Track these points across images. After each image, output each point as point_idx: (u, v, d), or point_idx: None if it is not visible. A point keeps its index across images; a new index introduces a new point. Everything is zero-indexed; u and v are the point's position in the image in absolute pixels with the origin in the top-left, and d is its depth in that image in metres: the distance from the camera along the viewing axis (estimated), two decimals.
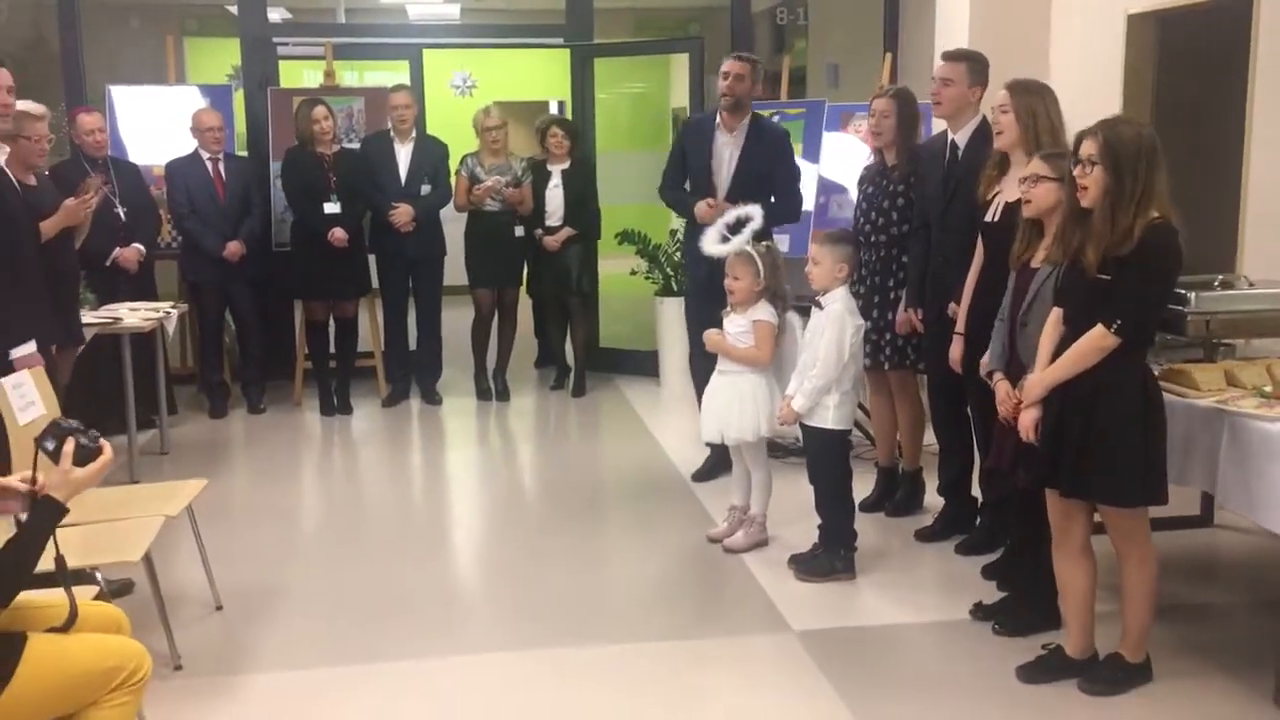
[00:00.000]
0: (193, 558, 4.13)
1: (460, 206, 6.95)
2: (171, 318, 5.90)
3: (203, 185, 6.65)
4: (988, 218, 3.99)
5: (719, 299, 4.57)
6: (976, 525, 4.56)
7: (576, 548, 4.70)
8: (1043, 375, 3.31)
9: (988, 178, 4.05)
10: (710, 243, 4.50)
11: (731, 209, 4.71)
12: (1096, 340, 3.16)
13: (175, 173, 6.68)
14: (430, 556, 4.65)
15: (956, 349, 4.17)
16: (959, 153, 4.31)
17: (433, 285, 7.00)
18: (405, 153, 6.82)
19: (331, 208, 6.60)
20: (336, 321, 6.90)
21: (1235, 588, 4.32)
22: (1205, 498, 4.64)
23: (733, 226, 4.48)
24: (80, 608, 2.57)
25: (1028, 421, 3.35)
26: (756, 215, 4.48)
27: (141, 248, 6.26)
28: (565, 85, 8.00)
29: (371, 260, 7.01)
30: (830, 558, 4.27)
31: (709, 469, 5.46)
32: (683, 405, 6.73)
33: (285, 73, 7.93)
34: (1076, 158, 3.19)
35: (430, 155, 6.87)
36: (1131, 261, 3.10)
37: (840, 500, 4.29)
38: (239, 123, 7.61)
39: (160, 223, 6.83)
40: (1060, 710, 3.32)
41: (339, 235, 6.56)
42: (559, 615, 4.02)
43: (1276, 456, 3.14)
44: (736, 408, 4.42)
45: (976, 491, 4.58)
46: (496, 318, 7.15)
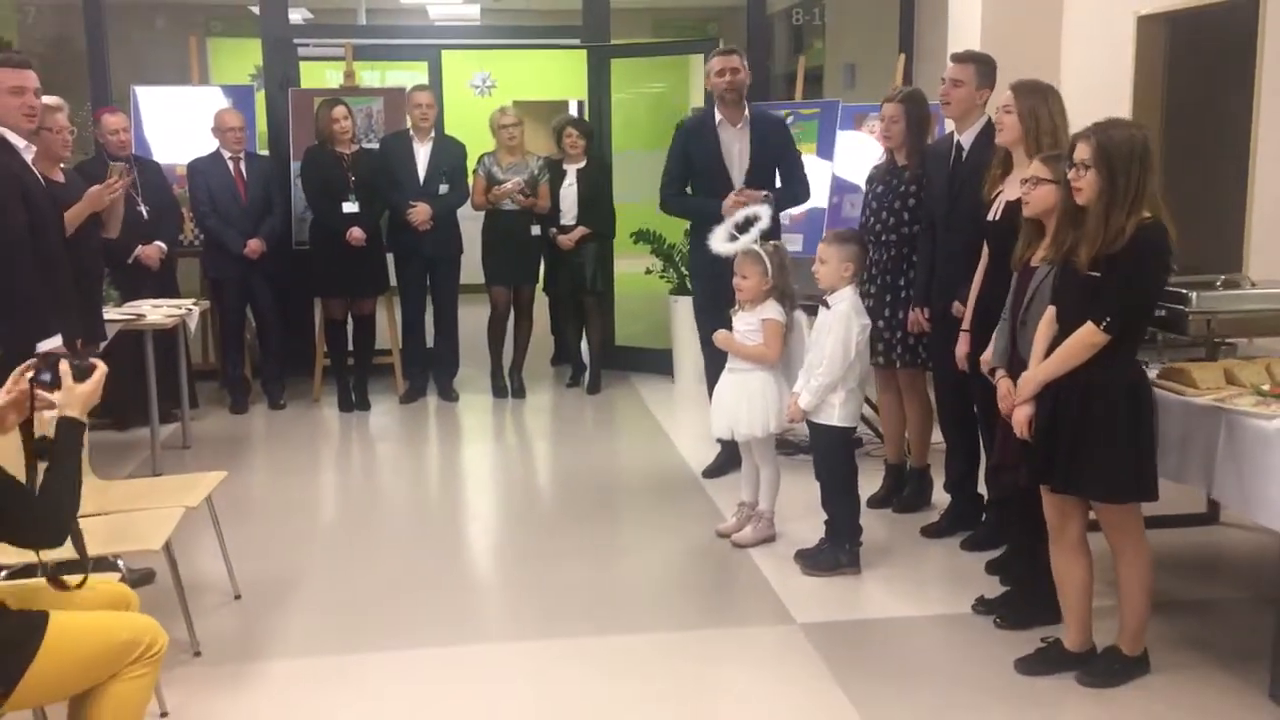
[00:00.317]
0: (213, 548, 4.23)
1: (478, 206, 7.05)
2: (193, 314, 6.02)
3: (224, 184, 6.77)
4: (990, 216, 4.05)
5: (726, 299, 4.64)
6: (982, 521, 4.62)
7: (589, 541, 4.79)
8: (1035, 372, 3.38)
9: (992, 177, 4.11)
10: (719, 241, 4.58)
11: (756, 194, 4.81)
12: (1086, 337, 3.23)
13: (197, 172, 6.80)
14: (445, 548, 4.74)
15: (962, 347, 4.23)
16: (964, 153, 4.37)
17: (450, 283, 7.10)
18: (424, 152, 6.92)
19: (350, 207, 6.71)
20: (354, 319, 7.01)
21: (1236, 584, 4.36)
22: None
23: (741, 225, 4.55)
24: (90, 587, 2.69)
25: (1021, 418, 3.43)
26: (764, 214, 4.55)
27: (163, 245, 6.40)
28: (584, 85, 8.08)
29: (390, 259, 7.12)
30: (836, 552, 4.33)
31: (720, 465, 5.53)
32: (696, 403, 6.80)
33: (307, 73, 8.04)
34: (1071, 160, 3.25)
35: (448, 155, 6.97)
36: (1122, 260, 3.16)
37: (846, 496, 4.35)
38: (260, 123, 7.73)
39: (182, 221, 6.96)
40: (1058, 702, 3.38)
41: (356, 235, 6.66)
42: (571, 606, 4.11)
43: (1272, 454, 3.18)
44: (745, 404, 4.49)
45: (982, 488, 4.64)
46: (513, 316, 7.24)
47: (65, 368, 2.56)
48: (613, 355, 7.84)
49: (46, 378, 2.55)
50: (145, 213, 6.35)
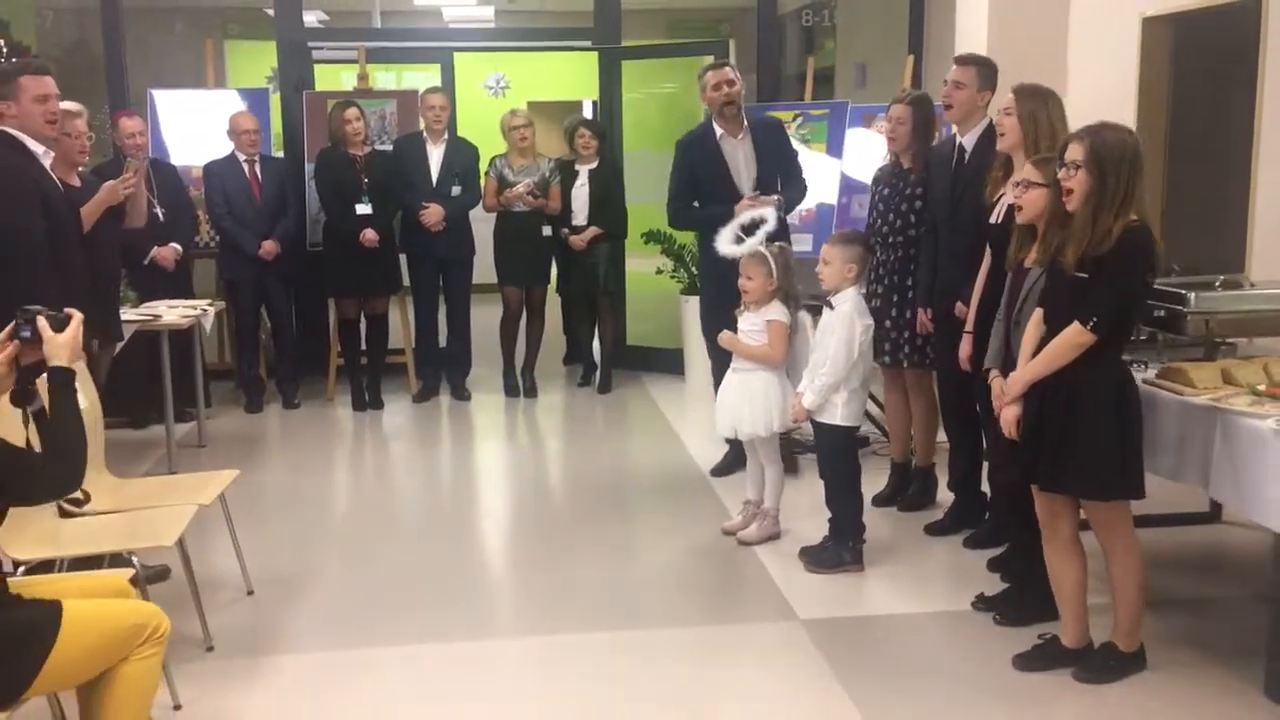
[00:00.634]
0: (226, 545, 4.31)
1: (489, 207, 7.12)
2: (208, 315, 6.11)
3: (239, 186, 6.86)
4: (992, 219, 4.10)
5: (733, 300, 4.69)
6: (985, 520, 4.66)
7: (597, 539, 4.85)
8: (1022, 372, 3.43)
9: (994, 180, 4.15)
10: (724, 244, 4.63)
11: (769, 199, 4.97)
12: (1072, 337, 3.28)
13: (213, 174, 6.89)
14: (455, 545, 4.81)
15: (965, 348, 4.28)
16: (966, 156, 4.42)
17: (462, 284, 7.18)
18: (437, 154, 7.00)
19: (363, 208, 6.79)
20: (367, 319, 7.09)
21: (1236, 582, 4.39)
22: None
23: (746, 228, 4.60)
24: (88, 580, 2.90)
25: (1009, 417, 3.48)
26: (770, 217, 4.61)
27: (178, 247, 6.50)
28: (597, 86, 8.13)
29: (403, 259, 7.20)
30: (839, 550, 4.39)
31: (727, 464, 5.58)
32: (706, 402, 6.80)
33: (323, 76, 8.13)
34: (1062, 161, 3.30)
35: (461, 156, 7.04)
36: (1108, 261, 3.21)
37: (849, 494, 4.41)
38: (275, 125, 7.82)
39: (198, 223, 7.06)
40: (1054, 698, 3.42)
41: (370, 236, 6.74)
42: (577, 602, 4.18)
43: (1266, 452, 3.22)
44: (749, 404, 4.55)
45: (986, 487, 4.68)
46: (525, 315, 7.31)
47: (43, 322, 2.65)
48: (624, 355, 7.90)
49: (27, 334, 2.64)
50: (161, 214, 6.44)
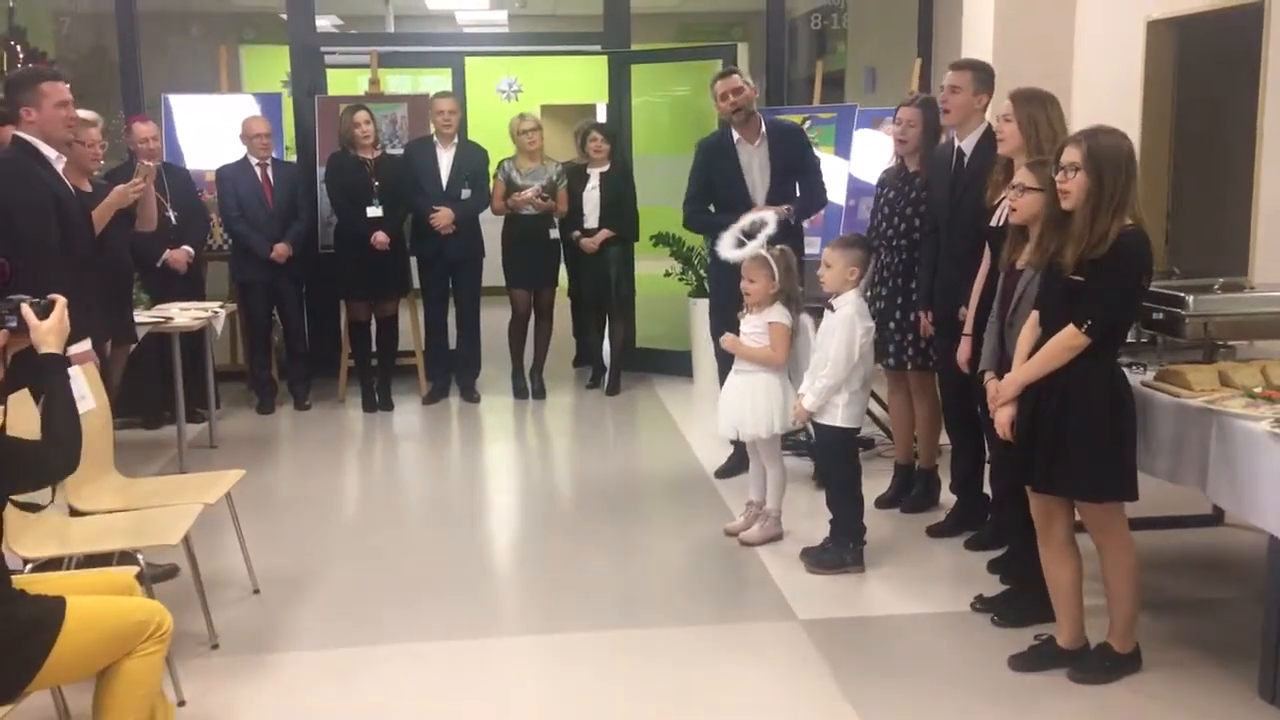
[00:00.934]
0: (234, 545, 4.36)
1: (497, 210, 7.17)
2: (219, 317, 6.17)
3: (252, 190, 6.93)
4: (993, 222, 4.12)
5: (741, 304, 4.72)
6: (987, 521, 4.68)
7: (600, 539, 4.89)
8: (1016, 374, 3.46)
9: (994, 183, 4.16)
10: (726, 247, 4.67)
11: (780, 210, 5.04)
12: (1067, 340, 3.31)
13: (225, 178, 6.97)
14: (460, 545, 4.86)
15: (964, 349, 4.30)
16: (965, 159, 4.44)
17: (472, 286, 7.23)
18: (447, 158, 7.05)
19: (374, 211, 6.84)
20: (378, 321, 7.14)
21: (1236, 584, 4.39)
22: None
23: (748, 231, 4.64)
24: (93, 577, 2.96)
25: (1003, 419, 3.51)
26: (771, 220, 4.64)
27: (190, 249, 6.57)
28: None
29: (413, 261, 7.26)
30: (840, 551, 4.41)
31: (732, 466, 5.62)
32: (713, 404, 6.71)
33: (337, 81, 8.20)
34: (1059, 165, 3.32)
35: (471, 160, 7.09)
36: (1104, 264, 3.24)
37: (849, 495, 4.43)
38: (288, 129, 7.90)
39: (210, 226, 7.13)
40: (1049, 698, 3.44)
41: (380, 239, 6.80)
42: (580, 602, 4.21)
43: (1260, 454, 3.24)
44: (750, 405, 4.58)
45: (988, 488, 4.69)
46: (533, 318, 7.35)
47: (27, 309, 2.72)
48: (633, 357, 7.94)
49: (14, 323, 2.72)
50: (173, 218, 6.51)
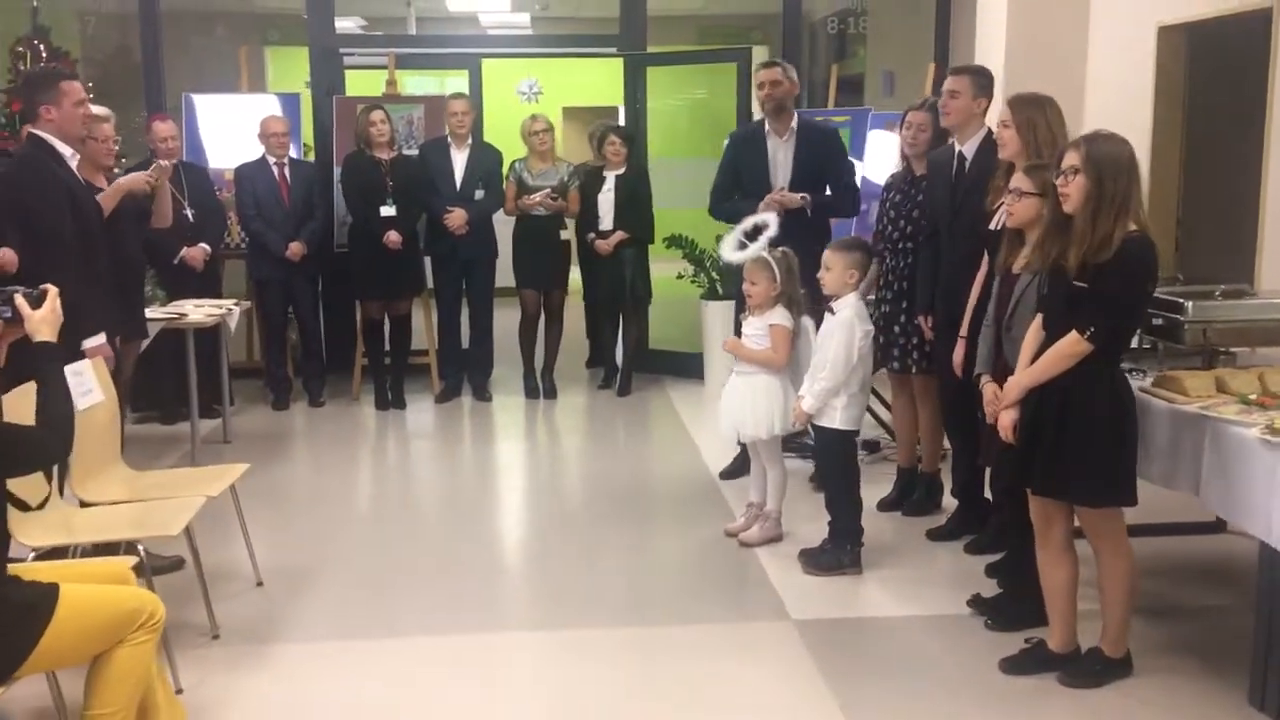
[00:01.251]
0: (240, 538, 4.41)
1: (509, 211, 7.23)
2: (233, 314, 6.25)
3: (269, 189, 7.01)
4: (991, 226, 4.13)
5: None
6: (987, 525, 4.68)
7: (603, 538, 4.93)
8: (1019, 378, 3.46)
9: (995, 188, 4.17)
10: (728, 249, 4.70)
11: (793, 197, 5.09)
12: (1069, 346, 3.31)
13: (244, 176, 7.06)
14: (464, 542, 4.90)
15: (958, 352, 4.31)
16: (966, 163, 4.45)
17: (485, 286, 7.29)
18: (461, 158, 7.12)
19: (387, 210, 6.91)
20: (391, 320, 7.21)
21: (1234, 591, 4.37)
22: None
23: (749, 233, 4.66)
24: (89, 566, 3.04)
25: (1006, 422, 3.51)
26: (773, 222, 4.66)
27: (207, 247, 6.66)
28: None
29: (427, 261, 7.33)
30: (837, 553, 4.43)
31: (736, 468, 5.63)
32: None
33: (357, 82, 8.29)
34: (1059, 169, 3.33)
35: (485, 161, 7.15)
36: (1108, 271, 3.23)
37: (847, 497, 4.45)
38: (306, 129, 7.99)
39: (226, 224, 7.22)
40: (1038, 701, 3.45)
41: (393, 239, 6.86)
42: (578, 599, 4.25)
43: (1251, 460, 3.24)
44: (751, 407, 4.60)
45: (989, 492, 4.69)
46: (544, 318, 7.40)
47: (20, 300, 2.79)
48: (646, 358, 7.97)
49: (8, 314, 2.80)
50: (191, 215, 6.61)
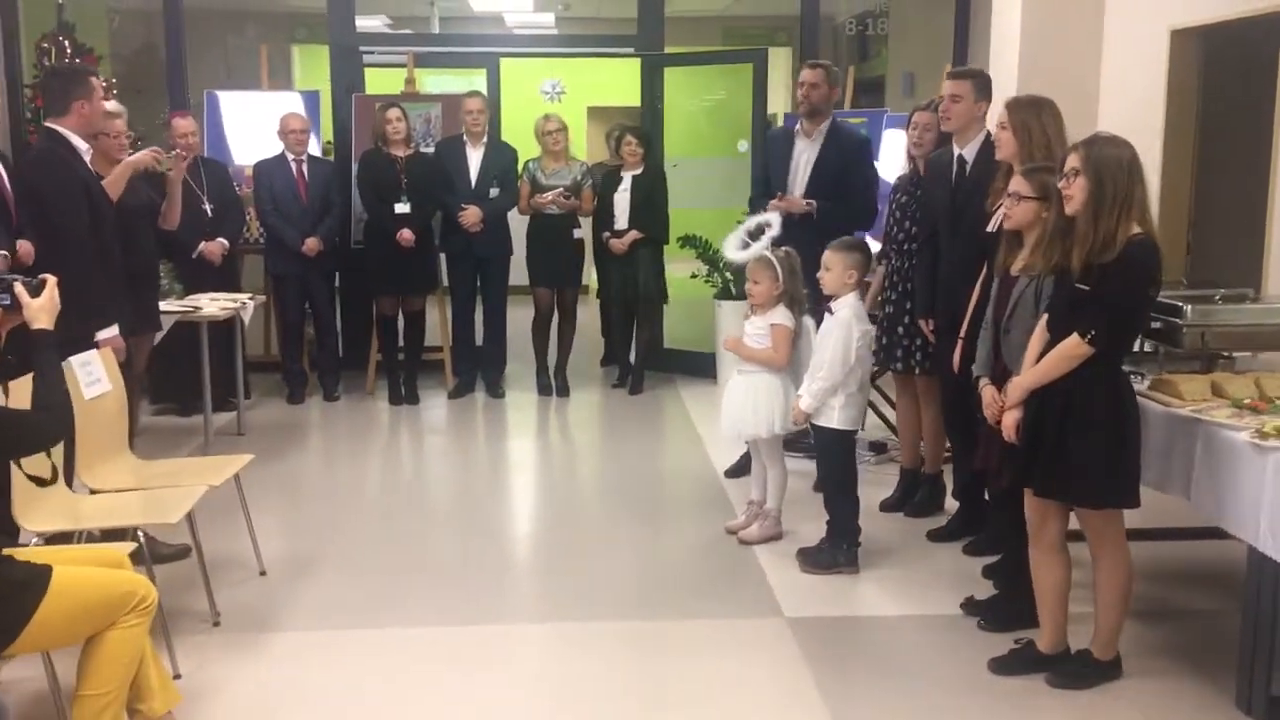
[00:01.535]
0: (245, 528, 4.48)
1: (522, 210, 7.29)
2: (248, 308, 6.33)
3: (286, 185, 7.10)
4: (989, 228, 4.13)
5: None
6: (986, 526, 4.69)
7: (605, 534, 4.98)
8: (1022, 379, 3.47)
9: (995, 190, 4.18)
10: (731, 249, 4.73)
11: (798, 201, 5.14)
12: (1071, 348, 3.31)
13: (262, 172, 7.15)
14: (468, 535, 4.96)
15: (957, 354, 4.32)
16: (966, 166, 4.46)
17: (499, 283, 7.34)
18: (476, 157, 7.17)
19: (401, 208, 6.98)
20: (405, 316, 7.28)
21: (1231, 596, 4.35)
22: None
23: (752, 233, 4.69)
24: (85, 551, 3.11)
25: (1009, 423, 3.52)
26: (775, 222, 4.69)
27: (225, 242, 6.75)
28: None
29: (442, 258, 7.39)
30: (835, 552, 4.45)
31: (741, 466, 5.65)
32: None
33: (377, 80, 8.38)
34: (1062, 172, 3.34)
35: (500, 159, 7.21)
36: (1110, 272, 3.24)
37: (845, 496, 4.47)
38: (326, 126, 8.08)
39: (245, 220, 7.32)
40: (1025, 701, 3.46)
41: (406, 236, 6.93)
42: (574, 594, 4.30)
43: (1241, 464, 3.24)
44: (752, 406, 4.63)
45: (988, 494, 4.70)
46: (557, 316, 7.45)
47: (20, 288, 2.87)
48: (660, 358, 8.01)
49: (7, 301, 2.87)
50: (210, 211, 6.71)
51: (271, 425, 6.78)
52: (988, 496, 4.61)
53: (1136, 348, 3.99)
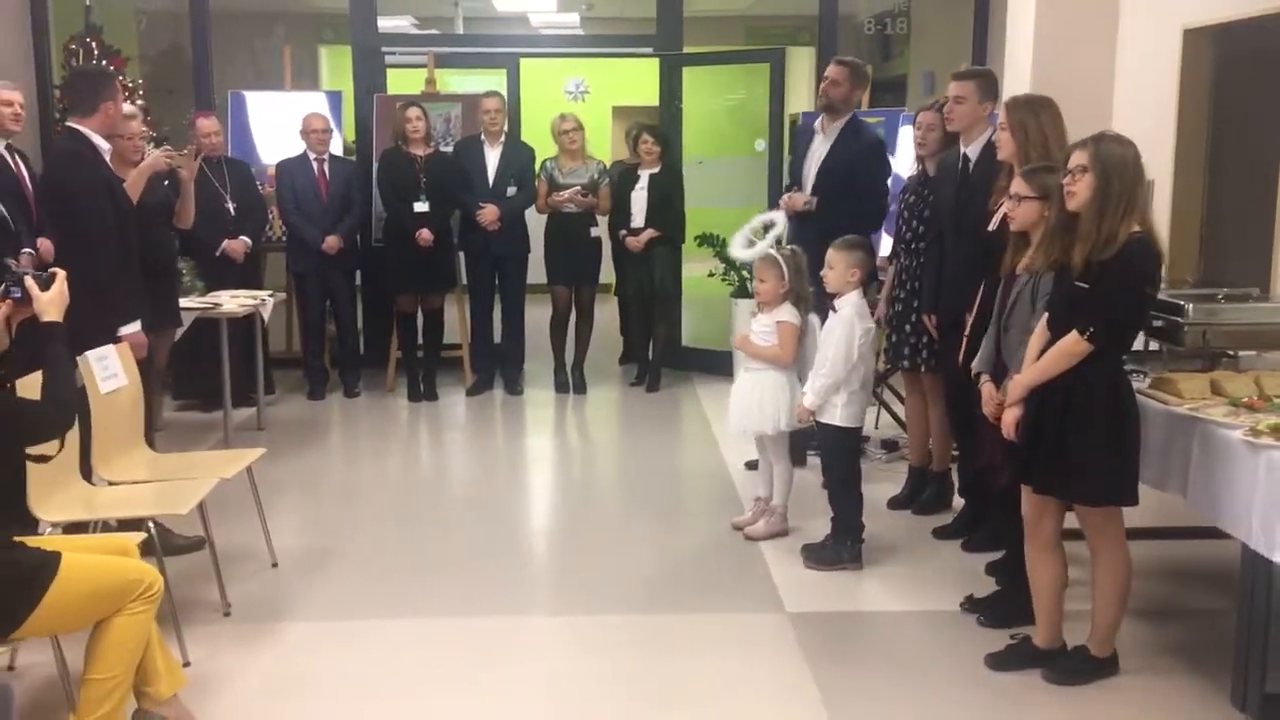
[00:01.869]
0: (259, 520, 4.57)
1: (540, 209, 7.36)
2: (267, 305, 6.43)
3: (308, 183, 7.20)
4: (990, 227, 4.16)
5: None
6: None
7: (614, 529, 5.05)
8: (1022, 377, 3.50)
9: (999, 189, 4.20)
10: (737, 247, 4.77)
11: (800, 198, 5.24)
12: (1070, 346, 3.34)
13: (284, 172, 7.25)
14: (483, 530, 5.02)
15: (960, 352, 4.34)
16: (970, 165, 4.49)
17: (517, 281, 7.42)
18: (494, 156, 7.25)
19: (420, 206, 7.06)
20: (424, 314, 7.36)
21: (1230, 595, 4.35)
22: None
23: (759, 231, 4.73)
24: (93, 540, 3.21)
25: (1009, 420, 3.54)
26: (780, 220, 4.73)
27: (248, 240, 6.86)
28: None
29: (461, 257, 7.47)
30: (838, 548, 4.48)
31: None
32: None
33: (399, 80, 8.47)
34: (1067, 169, 3.36)
35: (518, 158, 7.28)
36: (1109, 271, 3.26)
37: (848, 493, 4.50)
38: (348, 126, 8.19)
39: (267, 218, 7.43)
40: (1022, 697, 3.49)
41: (424, 236, 7.01)
42: (581, 588, 4.36)
43: (1235, 462, 3.25)
44: (759, 403, 4.67)
45: None
46: (574, 314, 7.51)
47: (30, 281, 2.96)
48: (677, 356, 8.07)
49: (18, 294, 2.95)
50: (233, 209, 6.83)
51: (292, 421, 6.89)
52: (986, 494, 4.64)
53: (1139, 346, 4.00)
